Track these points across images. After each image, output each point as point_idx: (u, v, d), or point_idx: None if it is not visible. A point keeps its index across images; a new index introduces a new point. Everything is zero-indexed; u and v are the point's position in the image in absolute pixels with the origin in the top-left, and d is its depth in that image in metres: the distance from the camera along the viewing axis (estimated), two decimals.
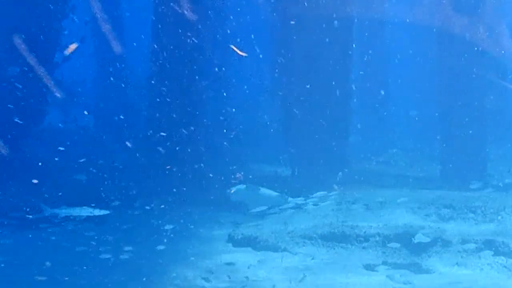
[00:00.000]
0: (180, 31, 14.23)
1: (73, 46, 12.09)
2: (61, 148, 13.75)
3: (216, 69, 15.70)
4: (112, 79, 20.93)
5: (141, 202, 13.01)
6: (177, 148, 14.19)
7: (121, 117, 18.63)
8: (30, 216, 11.67)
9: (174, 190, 13.59)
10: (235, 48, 13.27)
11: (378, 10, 18.91)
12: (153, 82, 14.97)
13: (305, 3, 14.62)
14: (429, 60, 17.26)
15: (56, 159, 15.73)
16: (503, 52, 15.41)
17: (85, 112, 19.98)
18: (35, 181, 12.09)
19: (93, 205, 11.00)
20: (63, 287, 9.40)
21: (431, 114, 17.52)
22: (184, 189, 13.70)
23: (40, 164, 15.11)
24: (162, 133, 14.22)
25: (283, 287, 9.50)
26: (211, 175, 14.39)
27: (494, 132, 16.62)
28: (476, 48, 15.07)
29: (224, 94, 16.61)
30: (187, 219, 12.85)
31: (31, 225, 11.75)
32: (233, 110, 17.22)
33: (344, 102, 15.30)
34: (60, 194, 12.40)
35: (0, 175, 13.35)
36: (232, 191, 13.18)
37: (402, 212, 12.72)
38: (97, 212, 10.87)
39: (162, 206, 13.13)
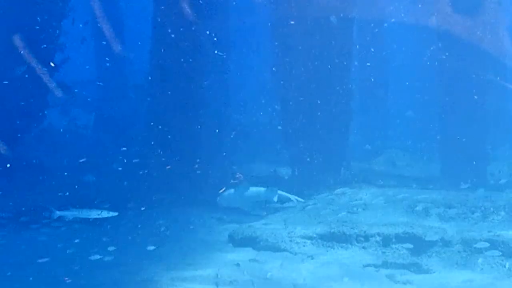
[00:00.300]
0: (180, 31, 14.23)
1: None
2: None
3: (216, 69, 15.68)
4: (111, 79, 20.96)
5: (140, 203, 12.99)
6: (176, 148, 14.19)
7: (121, 117, 18.66)
8: (29, 217, 11.67)
9: (174, 190, 13.59)
10: None
11: (378, 10, 18.90)
12: (153, 82, 14.97)
13: (305, 3, 14.62)
14: (429, 60, 17.25)
15: (56, 159, 15.75)
16: (503, 52, 15.40)
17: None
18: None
19: (100, 207, 10.98)
20: (62, 287, 9.41)
21: (431, 114, 17.52)
22: (184, 189, 13.71)
23: (39, 164, 15.15)
24: (161, 133, 14.23)
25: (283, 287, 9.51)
26: (210, 175, 14.40)
27: (494, 132, 16.61)
28: (476, 48, 15.07)
29: (224, 94, 16.58)
30: (186, 219, 12.84)
31: (29, 226, 11.73)
32: (232, 110, 17.22)
33: (344, 102, 15.30)
34: (60, 194, 12.40)
35: (0, 175, 13.35)
36: (222, 191, 13.21)
37: (402, 212, 12.72)
38: (105, 214, 10.84)
39: (161, 206, 13.13)
